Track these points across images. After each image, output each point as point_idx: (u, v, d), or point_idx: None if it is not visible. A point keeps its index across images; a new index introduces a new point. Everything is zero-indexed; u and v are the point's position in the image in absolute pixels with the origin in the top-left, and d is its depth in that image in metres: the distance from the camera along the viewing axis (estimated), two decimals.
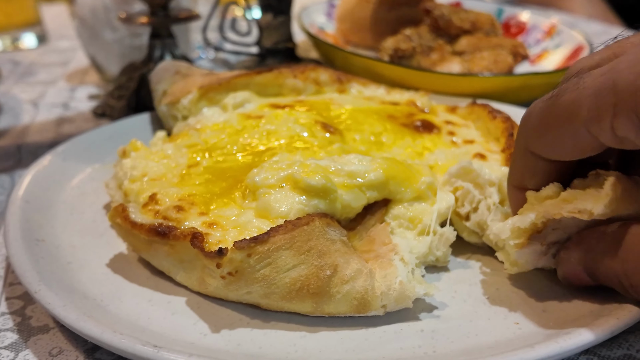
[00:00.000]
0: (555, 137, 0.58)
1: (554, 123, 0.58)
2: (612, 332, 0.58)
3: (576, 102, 0.55)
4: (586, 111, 0.54)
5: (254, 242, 0.61)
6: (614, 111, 0.51)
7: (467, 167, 0.76)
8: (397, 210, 0.74)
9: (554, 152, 0.60)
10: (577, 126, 0.55)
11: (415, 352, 0.61)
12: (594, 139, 0.55)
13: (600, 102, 0.52)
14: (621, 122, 0.51)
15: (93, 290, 0.70)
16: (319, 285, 0.62)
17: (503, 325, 0.64)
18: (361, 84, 1.10)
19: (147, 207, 0.74)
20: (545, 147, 0.60)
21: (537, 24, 1.59)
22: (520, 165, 0.65)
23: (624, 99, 0.50)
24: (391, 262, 0.65)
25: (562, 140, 0.58)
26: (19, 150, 1.14)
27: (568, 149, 0.58)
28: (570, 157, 0.59)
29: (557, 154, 0.60)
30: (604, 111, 0.52)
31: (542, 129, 0.60)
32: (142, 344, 0.57)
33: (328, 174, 0.71)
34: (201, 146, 0.87)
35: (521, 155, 0.64)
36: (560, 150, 0.59)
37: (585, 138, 0.55)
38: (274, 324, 0.65)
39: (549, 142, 0.60)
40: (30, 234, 0.77)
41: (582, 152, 0.58)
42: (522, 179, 0.66)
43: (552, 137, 0.59)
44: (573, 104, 0.55)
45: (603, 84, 0.52)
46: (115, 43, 1.38)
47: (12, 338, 0.66)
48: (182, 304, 0.69)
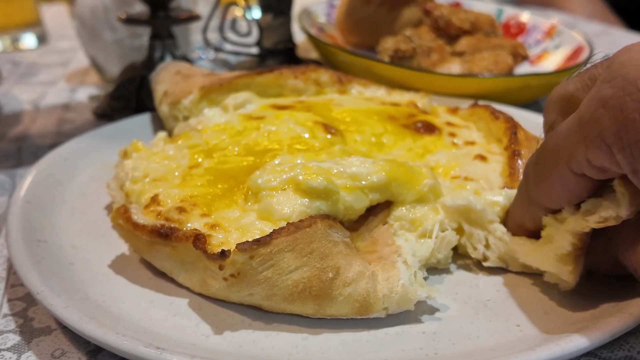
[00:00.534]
0: (548, 185, 0.62)
1: (543, 171, 0.62)
2: (613, 335, 0.58)
3: (555, 147, 0.59)
4: (564, 152, 0.58)
5: (257, 244, 0.61)
6: (585, 144, 0.55)
7: (467, 206, 0.74)
8: (399, 212, 0.74)
9: (552, 200, 0.63)
10: (562, 169, 0.59)
11: (416, 354, 0.61)
12: (579, 176, 0.58)
13: (572, 140, 0.56)
14: (594, 153, 0.54)
15: (95, 291, 0.70)
16: (321, 287, 0.62)
17: (504, 327, 0.64)
18: (362, 84, 1.10)
19: (149, 208, 0.74)
20: (544, 197, 0.64)
21: (537, 25, 1.59)
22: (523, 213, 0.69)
23: (589, 130, 0.54)
24: (394, 264, 0.65)
25: (554, 186, 0.61)
26: (19, 151, 1.14)
27: (564, 194, 0.61)
28: (568, 202, 0.62)
29: (556, 201, 0.63)
30: (576, 147, 0.56)
31: (536, 179, 0.64)
32: (145, 346, 0.57)
33: (330, 176, 0.71)
34: (202, 147, 0.87)
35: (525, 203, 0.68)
36: (557, 197, 0.62)
37: (572, 179, 0.59)
38: (276, 325, 0.65)
39: (546, 191, 0.63)
40: (32, 235, 0.77)
41: (576, 194, 0.61)
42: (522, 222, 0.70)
43: (546, 186, 0.63)
44: (553, 150, 0.60)
45: (572, 124, 0.57)
46: (116, 44, 1.38)
47: (14, 340, 0.66)
48: (184, 305, 0.69)
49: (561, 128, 0.59)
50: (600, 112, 0.53)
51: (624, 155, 0.52)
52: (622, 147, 0.52)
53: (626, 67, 0.52)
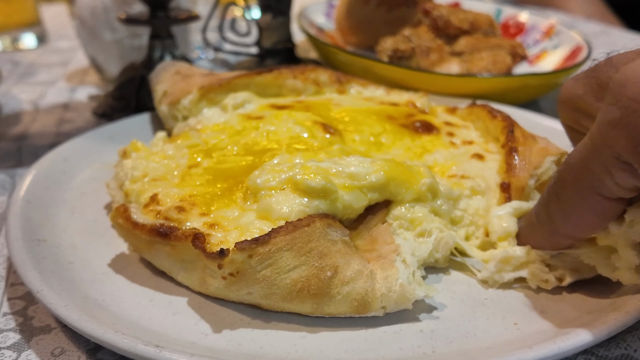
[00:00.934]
0: (577, 216, 0.62)
1: (570, 205, 0.62)
2: (610, 333, 0.58)
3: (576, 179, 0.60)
4: (589, 182, 0.59)
5: (255, 243, 0.62)
6: (607, 170, 0.56)
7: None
8: (397, 211, 0.74)
9: (584, 230, 0.64)
10: (592, 198, 0.59)
11: (414, 352, 0.61)
12: (614, 200, 0.59)
13: (593, 169, 0.58)
14: (620, 176, 0.56)
15: (94, 290, 0.70)
16: (319, 286, 0.63)
17: (501, 325, 0.64)
18: (361, 84, 1.10)
19: (149, 208, 0.74)
20: (574, 229, 0.64)
21: (536, 25, 1.59)
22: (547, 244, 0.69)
23: (606, 156, 0.56)
24: (393, 263, 0.66)
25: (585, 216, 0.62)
26: (19, 150, 1.14)
27: (598, 221, 0.62)
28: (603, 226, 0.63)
29: (589, 230, 0.64)
30: (601, 175, 0.57)
31: (563, 214, 0.64)
32: (144, 344, 0.57)
33: (329, 175, 0.71)
34: (201, 147, 0.87)
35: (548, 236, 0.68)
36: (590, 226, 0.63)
37: (606, 204, 0.59)
38: (275, 324, 0.66)
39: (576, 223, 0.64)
40: (32, 234, 0.77)
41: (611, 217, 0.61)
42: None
43: (576, 217, 0.63)
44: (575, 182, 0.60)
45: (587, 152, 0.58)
46: (115, 44, 1.38)
47: (14, 338, 0.67)
48: (183, 304, 0.69)
49: (574, 158, 0.60)
50: (613, 134, 0.54)
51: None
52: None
53: (625, 87, 0.53)
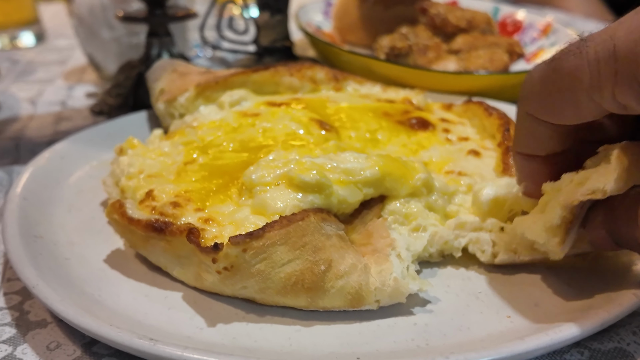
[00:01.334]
0: (556, 102, 0.58)
1: (555, 89, 0.58)
2: (602, 325, 0.59)
3: (578, 69, 0.55)
4: (588, 79, 0.54)
5: (249, 238, 0.62)
6: (614, 79, 0.52)
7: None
8: (392, 206, 0.75)
9: (555, 116, 0.60)
10: (579, 93, 0.55)
11: (408, 345, 0.61)
12: (595, 105, 0.55)
13: (601, 70, 0.53)
14: (622, 90, 0.52)
15: (91, 286, 0.71)
16: (313, 280, 0.63)
17: (495, 318, 0.65)
18: (357, 82, 1.11)
19: (144, 204, 0.74)
20: (547, 112, 0.60)
21: (533, 23, 1.59)
22: (523, 130, 0.65)
23: (624, 66, 0.51)
24: (387, 257, 0.66)
25: (563, 106, 0.58)
26: (17, 148, 1.14)
27: (569, 114, 0.58)
28: (571, 121, 0.59)
29: (559, 118, 0.60)
30: (605, 79, 0.52)
31: (543, 94, 0.60)
32: (139, 338, 0.57)
33: (324, 171, 0.72)
34: (197, 143, 0.88)
35: (523, 119, 0.64)
36: (561, 115, 0.59)
37: (586, 104, 0.56)
38: (269, 318, 0.66)
39: (550, 107, 0.59)
40: (29, 231, 0.77)
41: (583, 118, 0.58)
42: (525, 144, 0.66)
43: (554, 103, 0.59)
44: (575, 71, 0.55)
45: (604, 51, 0.52)
46: (113, 41, 1.39)
47: (10, 332, 0.67)
48: (178, 299, 0.69)
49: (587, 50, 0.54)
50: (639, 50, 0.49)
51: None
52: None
53: None
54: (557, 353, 0.61)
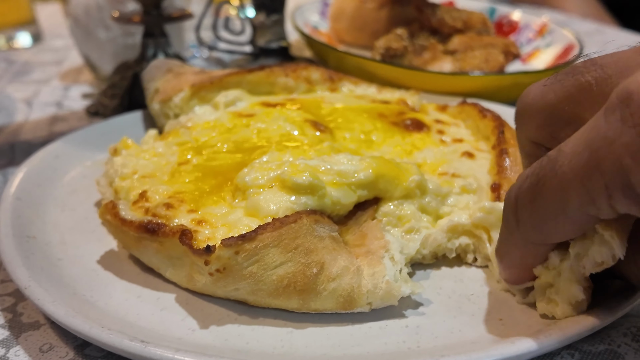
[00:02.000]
0: (553, 224, 0.55)
1: (545, 212, 0.55)
2: (593, 328, 0.58)
3: (562, 191, 0.52)
4: (576, 197, 0.51)
5: (242, 240, 0.62)
6: (607, 193, 0.49)
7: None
8: (386, 208, 0.75)
9: (556, 237, 0.57)
10: (574, 212, 0.53)
11: (399, 347, 0.61)
12: (592, 217, 0.52)
13: (589, 187, 0.50)
14: (619, 201, 0.49)
15: (83, 287, 0.71)
16: (305, 282, 0.63)
17: (486, 321, 0.65)
18: (352, 82, 1.11)
19: (137, 205, 0.74)
20: (546, 235, 0.57)
21: (529, 23, 1.59)
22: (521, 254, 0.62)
23: (613, 180, 0.48)
24: (380, 260, 0.66)
25: (560, 226, 0.55)
26: (12, 148, 1.14)
27: (571, 231, 0.56)
28: (573, 236, 0.58)
29: (561, 237, 0.57)
30: (596, 194, 0.50)
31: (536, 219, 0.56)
32: (130, 339, 0.57)
33: (317, 173, 0.72)
34: (192, 144, 0.88)
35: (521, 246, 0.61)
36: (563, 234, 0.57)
37: (586, 219, 0.53)
38: (262, 319, 0.66)
39: (550, 231, 0.56)
40: (21, 231, 0.77)
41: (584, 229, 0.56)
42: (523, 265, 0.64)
43: (551, 225, 0.56)
44: (560, 194, 0.52)
45: (585, 166, 0.50)
46: (109, 42, 1.38)
47: (3, 334, 0.67)
48: (171, 300, 0.69)
49: (564, 167, 0.51)
50: (628, 162, 0.46)
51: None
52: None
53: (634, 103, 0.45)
54: (548, 355, 0.61)
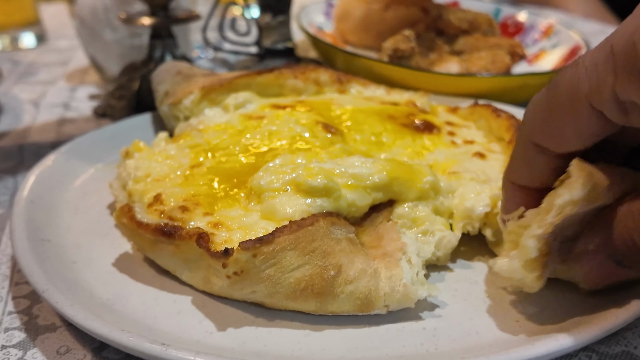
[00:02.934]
0: (556, 121, 0.55)
1: (555, 107, 0.55)
2: (611, 330, 0.59)
3: (576, 77, 0.53)
4: (587, 84, 0.51)
5: (260, 243, 0.62)
6: (614, 75, 0.49)
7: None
8: (401, 210, 0.75)
9: (556, 139, 0.57)
10: (578, 104, 0.53)
11: (417, 349, 0.62)
12: (597, 117, 0.52)
13: (599, 71, 0.50)
14: (623, 85, 0.49)
15: (99, 289, 0.71)
16: (322, 285, 0.63)
17: (503, 322, 0.65)
18: (361, 84, 1.11)
19: (152, 207, 0.74)
20: (547, 135, 0.57)
21: (535, 24, 1.60)
22: (520, 158, 0.62)
23: (623, 59, 0.48)
24: (398, 262, 0.66)
25: (563, 124, 0.55)
26: (20, 150, 1.15)
27: (570, 134, 0.55)
28: (573, 144, 0.56)
29: (559, 142, 0.56)
30: (604, 78, 0.50)
31: (543, 116, 0.57)
32: (150, 342, 0.58)
33: (332, 175, 0.72)
34: (204, 147, 0.88)
35: (522, 148, 0.61)
36: (562, 136, 0.56)
37: (587, 117, 0.53)
38: (279, 322, 0.66)
39: (551, 129, 0.56)
40: (36, 234, 0.78)
41: (585, 138, 0.55)
42: (520, 174, 0.62)
43: (554, 122, 0.55)
44: (573, 81, 0.53)
45: (601, 54, 0.51)
46: (116, 43, 1.39)
47: (19, 337, 0.67)
48: (187, 303, 0.70)
49: (583, 59, 0.52)
50: (637, 37, 0.46)
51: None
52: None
53: None
54: (565, 357, 0.61)
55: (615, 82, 0.50)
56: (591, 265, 0.61)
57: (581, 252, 0.61)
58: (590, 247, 0.60)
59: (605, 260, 0.59)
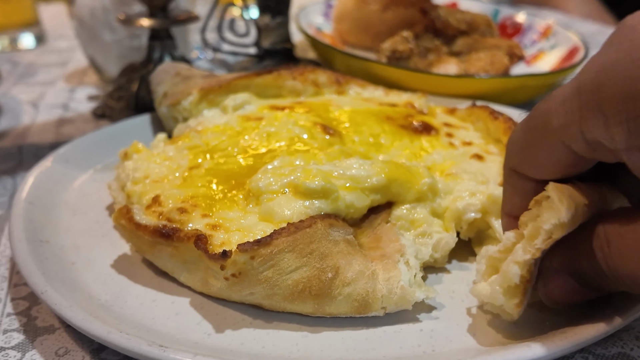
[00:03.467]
0: (533, 151, 0.57)
1: (531, 136, 0.57)
2: (607, 332, 0.59)
3: (547, 111, 0.54)
4: (556, 120, 0.53)
5: (257, 245, 0.62)
6: (580, 114, 0.50)
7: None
8: (399, 212, 0.75)
9: (533, 167, 0.58)
10: (550, 136, 0.54)
11: (414, 351, 0.62)
12: (568, 151, 0.54)
13: (567, 108, 0.52)
14: (589, 124, 0.50)
15: (97, 291, 0.71)
16: (320, 287, 0.64)
17: (500, 324, 0.65)
18: (359, 85, 1.11)
19: (151, 209, 0.75)
20: (526, 164, 0.59)
21: (533, 25, 1.60)
22: (508, 188, 0.63)
23: (587, 97, 0.49)
24: (396, 264, 0.66)
25: (540, 154, 0.56)
26: (19, 151, 1.15)
27: (547, 163, 0.57)
28: (551, 174, 0.57)
29: (537, 170, 0.58)
30: (570, 115, 0.51)
31: (522, 144, 0.59)
32: (149, 344, 0.58)
33: (330, 177, 0.72)
34: (202, 148, 0.88)
35: (507, 177, 0.62)
36: (538, 165, 0.57)
37: (560, 150, 0.54)
38: (277, 323, 0.67)
39: (528, 158, 0.58)
40: (35, 235, 0.78)
41: (562, 168, 0.56)
42: (511, 204, 0.63)
43: (531, 152, 0.57)
44: (545, 114, 0.54)
45: (569, 89, 0.52)
46: (115, 44, 1.39)
47: (18, 338, 0.67)
48: (185, 304, 0.70)
49: (556, 93, 0.54)
50: (601, 78, 0.48)
51: (621, 129, 0.47)
52: (621, 121, 0.47)
53: (636, 32, 0.46)
54: (561, 359, 0.62)
55: (581, 122, 0.50)
56: (554, 284, 0.59)
57: (545, 268, 0.59)
58: (554, 264, 0.58)
59: (568, 278, 0.58)
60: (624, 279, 0.53)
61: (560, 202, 0.54)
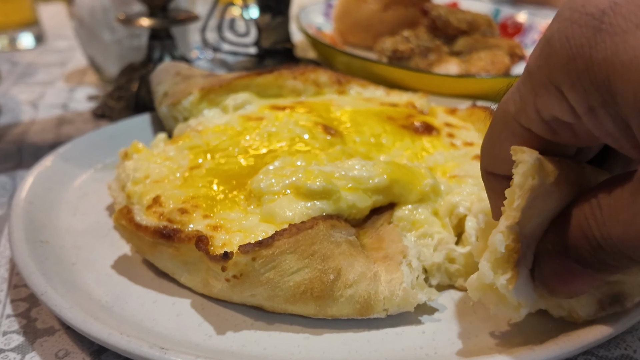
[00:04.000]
0: (499, 146, 0.56)
1: (495, 131, 0.56)
2: (610, 334, 0.59)
3: (505, 102, 0.54)
4: (513, 105, 0.53)
5: (259, 246, 0.62)
6: (534, 93, 0.50)
7: None
8: (401, 213, 0.75)
9: (505, 164, 0.55)
10: (511, 124, 0.54)
11: (417, 353, 0.62)
12: (529, 134, 0.53)
13: (522, 91, 0.52)
14: (544, 101, 0.49)
15: (98, 292, 0.71)
16: (322, 289, 0.63)
17: (503, 326, 0.65)
18: (360, 85, 1.11)
19: (151, 209, 0.74)
20: (497, 162, 0.57)
21: (534, 25, 1.60)
22: (489, 193, 0.62)
23: (536, 76, 0.50)
24: (398, 266, 0.66)
25: (505, 146, 0.55)
26: (19, 151, 1.14)
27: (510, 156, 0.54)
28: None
29: (509, 165, 0.54)
30: (525, 98, 0.51)
31: (489, 143, 0.58)
32: (149, 346, 0.57)
33: (331, 178, 0.72)
34: (203, 148, 0.87)
35: (485, 181, 0.61)
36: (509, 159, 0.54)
37: (523, 136, 0.54)
38: (278, 325, 0.66)
39: (497, 155, 0.56)
40: (35, 236, 0.77)
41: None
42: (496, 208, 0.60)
43: (498, 147, 0.56)
44: (503, 104, 0.55)
45: (522, 76, 0.52)
46: (114, 44, 1.38)
47: (18, 340, 0.67)
48: (186, 306, 0.69)
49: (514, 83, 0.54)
50: (546, 51, 0.48)
51: (576, 93, 0.46)
52: (572, 84, 0.46)
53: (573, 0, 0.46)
54: None
55: (536, 100, 0.50)
56: (550, 266, 0.56)
57: (539, 252, 0.56)
58: (548, 245, 0.56)
59: (564, 259, 0.55)
60: (619, 244, 0.50)
61: (522, 152, 0.52)
